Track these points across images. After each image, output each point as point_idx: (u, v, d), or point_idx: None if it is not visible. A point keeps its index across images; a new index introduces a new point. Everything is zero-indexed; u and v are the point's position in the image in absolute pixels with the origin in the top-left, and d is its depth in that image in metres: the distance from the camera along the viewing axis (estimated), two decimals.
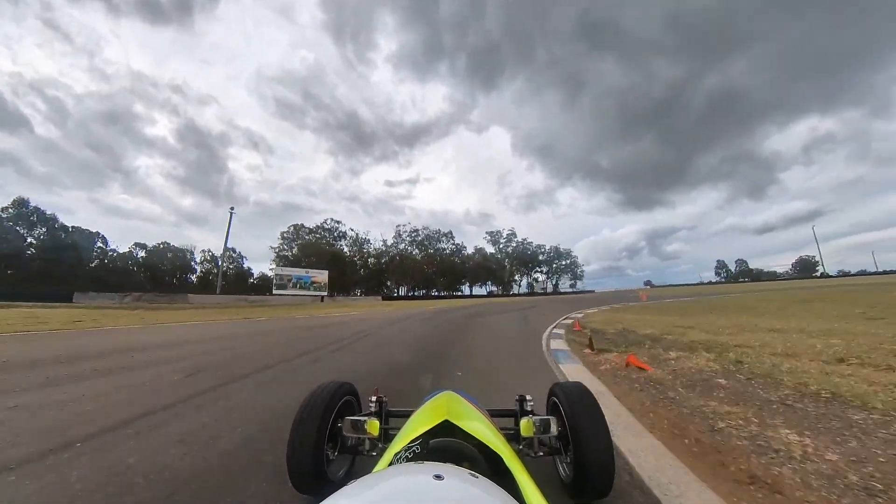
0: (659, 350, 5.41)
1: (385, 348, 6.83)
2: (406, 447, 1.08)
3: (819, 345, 5.04)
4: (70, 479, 1.95)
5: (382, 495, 0.58)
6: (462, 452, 1.05)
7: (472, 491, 0.62)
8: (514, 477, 0.93)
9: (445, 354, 6.08)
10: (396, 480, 0.63)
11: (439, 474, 0.63)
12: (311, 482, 1.61)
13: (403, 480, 0.63)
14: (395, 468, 0.69)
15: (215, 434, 2.55)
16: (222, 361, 5.40)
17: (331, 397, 1.80)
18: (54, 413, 3.03)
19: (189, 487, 1.87)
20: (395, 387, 3.76)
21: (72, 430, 2.63)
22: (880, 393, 2.99)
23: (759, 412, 2.76)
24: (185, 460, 2.16)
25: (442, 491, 0.59)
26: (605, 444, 1.63)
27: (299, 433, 1.63)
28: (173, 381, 4.11)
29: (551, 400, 2.03)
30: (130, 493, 1.82)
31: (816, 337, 5.71)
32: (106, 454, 2.25)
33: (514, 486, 0.90)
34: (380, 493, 0.59)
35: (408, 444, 1.10)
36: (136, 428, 2.67)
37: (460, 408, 1.38)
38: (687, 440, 2.40)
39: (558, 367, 4.82)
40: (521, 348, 6.64)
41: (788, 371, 3.80)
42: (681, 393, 3.36)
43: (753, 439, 2.31)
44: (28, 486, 1.89)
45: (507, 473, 0.96)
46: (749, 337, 6.13)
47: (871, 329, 6.16)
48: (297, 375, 4.53)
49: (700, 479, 1.92)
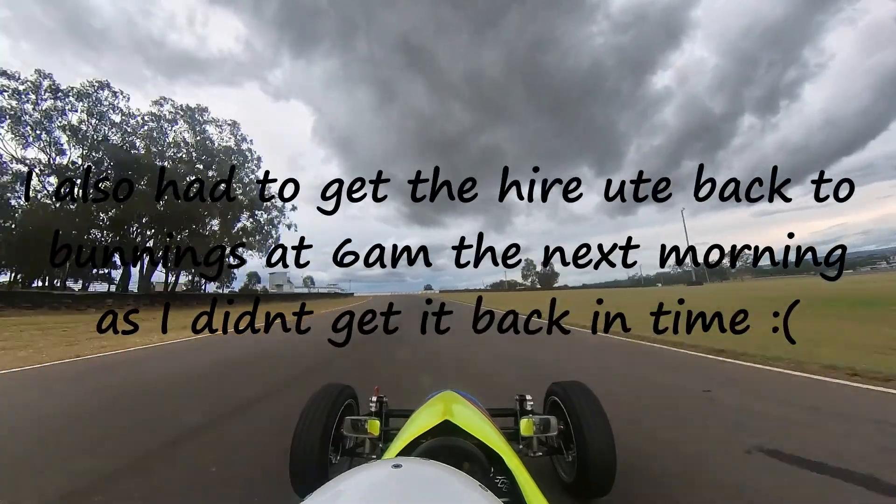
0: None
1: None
2: (406, 447, 1.08)
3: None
4: None
5: (342, 493, 0.60)
6: (462, 452, 1.05)
7: (429, 473, 0.65)
8: (514, 476, 0.93)
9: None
10: (356, 477, 0.65)
11: (398, 464, 0.65)
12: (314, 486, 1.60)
13: (362, 475, 0.65)
14: (356, 468, 0.71)
15: None
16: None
17: (333, 402, 1.79)
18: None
19: None
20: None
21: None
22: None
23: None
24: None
25: (398, 474, 0.62)
26: (609, 442, 1.63)
27: (303, 438, 1.61)
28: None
29: (550, 399, 2.03)
30: None
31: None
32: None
33: (515, 486, 0.90)
34: (340, 491, 0.61)
35: (408, 444, 1.10)
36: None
37: (460, 407, 1.38)
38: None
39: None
40: None
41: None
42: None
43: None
44: None
45: (508, 473, 0.97)
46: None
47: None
48: None
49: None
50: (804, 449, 2.40)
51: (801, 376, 4.31)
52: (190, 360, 6.93)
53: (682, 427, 2.93)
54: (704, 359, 5.54)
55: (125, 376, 5.66)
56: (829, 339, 6.23)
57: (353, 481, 0.64)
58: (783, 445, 2.47)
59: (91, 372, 6.01)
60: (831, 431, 2.71)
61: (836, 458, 2.24)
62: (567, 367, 5.54)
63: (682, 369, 5.01)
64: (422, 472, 0.66)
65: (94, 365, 6.60)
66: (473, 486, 0.63)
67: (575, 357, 6.45)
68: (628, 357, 6.14)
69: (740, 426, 2.87)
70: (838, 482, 2.00)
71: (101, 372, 6.02)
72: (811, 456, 2.30)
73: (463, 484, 0.63)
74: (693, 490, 1.98)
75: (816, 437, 2.61)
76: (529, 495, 0.83)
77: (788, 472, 2.16)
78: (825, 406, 3.26)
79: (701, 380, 4.36)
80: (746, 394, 3.75)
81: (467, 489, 0.61)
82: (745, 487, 1.98)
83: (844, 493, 1.90)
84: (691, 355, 5.83)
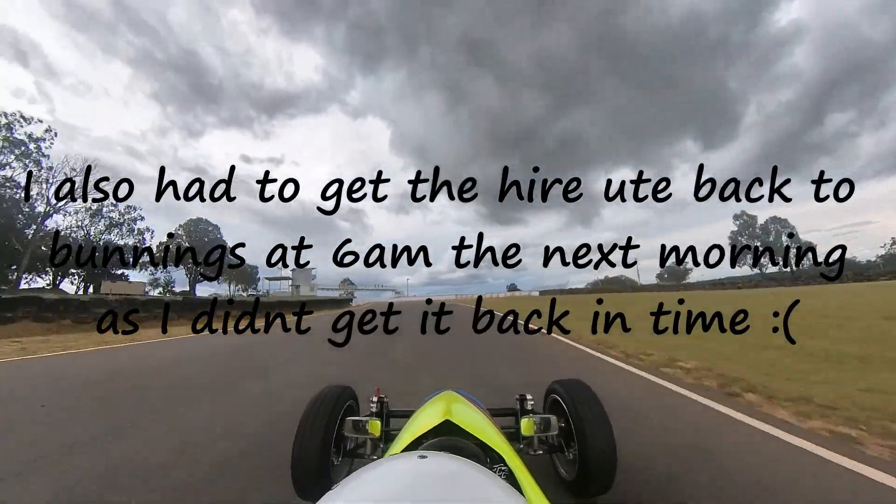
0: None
1: None
2: (407, 447, 1.09)
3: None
4: None
5: (369, 483, 0.62)
6: (463, 451, 1.05)
7: (455, 466, 0.67)
8: (515, 476, 0.93)
9: None
10: (383, 467, 0.67)
11: (423, 455, 0.68)
12: (316, 488, 1.60)
13: (389, 466, 0.67)
14: (382, 459, 0.74)
15: None
16: None
17: (334, 403, 1.79)
18: None
19: None
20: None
21: None
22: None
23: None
24: None
25: (424, 465, 0.64)
26: (609, 440, 1.63)
27: (305, 439, 1.62)
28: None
29: (550, 397, 2.03)
30: None
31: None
32: None
33: (516, 485, 0.90)
34: (367, 481, 0.62)
35: (409, 444, 1.10)
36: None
37: (461, 407, 1.38)
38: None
39: None
40: None
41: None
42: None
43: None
44: None
45: (509, 472, 0.97)
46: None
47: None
48: None
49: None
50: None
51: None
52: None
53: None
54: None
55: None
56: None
57: (381, 471, 0.66)
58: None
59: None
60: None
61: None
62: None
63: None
64: (447, 464, 0.68)
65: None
66: (498, 480, 0.65)
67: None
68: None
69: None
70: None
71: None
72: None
73: (488, 478, 0.65)
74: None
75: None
76: (530, 494, 0.83)
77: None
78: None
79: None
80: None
81: (493, 483, 0.63)
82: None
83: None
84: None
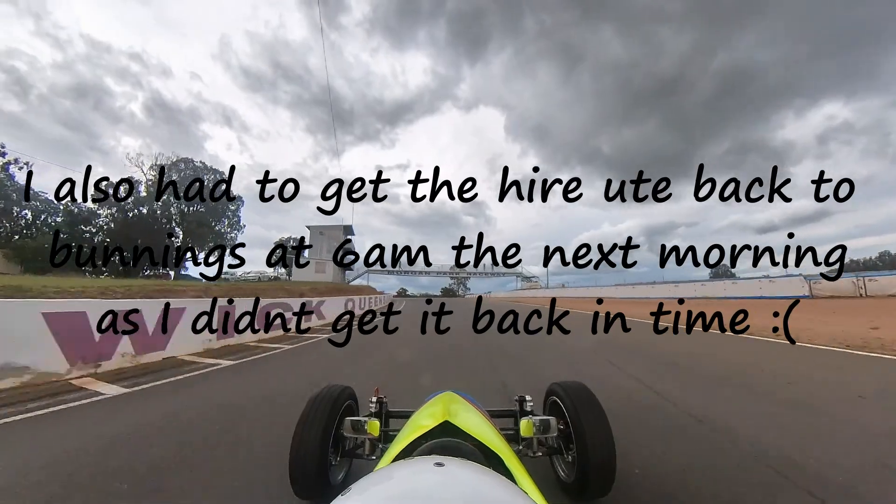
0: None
1: None
2: (406, 448, 1.08)
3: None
4: None
5: (385, 489, 0.61)
6: (462, 453, 1.05)
7: (472, 474, 0.67)
8: (514, 477, 0.93)
9: None
10: (398, 473, 0.66)
11: (440, 462, 0.67)
12: (314, 488, 1.60)
13: (405, 472, 0.66)
14: (396, 464, 0.72)
15: None
16: None
17: (333, 403, 1.78)
18: None
19: None
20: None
21: None
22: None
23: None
24: None
25: (442, 475, 0.63)
26: (609, 442, 1.62)
27: (303, 439, 1.61)
28: None
29: (550, 399, 2.03)
30: None
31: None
32: None
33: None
34: (383, 487, 0.61)
35: (408, 445, 1.10)
36: None
37: (460, 408, 1.38)
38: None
39: None
40: None
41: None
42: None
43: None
44: None
45: (508, 474, 0.97)
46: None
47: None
48: None
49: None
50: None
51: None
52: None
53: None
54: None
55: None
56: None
57: (396, 477, 0.65)
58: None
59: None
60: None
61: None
62: None
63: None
64: (464, 472, 0.67)
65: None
66: (516, 490, 0.64)
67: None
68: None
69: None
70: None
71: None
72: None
73: (505, 487, 0.64)
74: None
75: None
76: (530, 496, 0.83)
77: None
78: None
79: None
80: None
81: (511, 494, 0.62)
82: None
83: None
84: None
